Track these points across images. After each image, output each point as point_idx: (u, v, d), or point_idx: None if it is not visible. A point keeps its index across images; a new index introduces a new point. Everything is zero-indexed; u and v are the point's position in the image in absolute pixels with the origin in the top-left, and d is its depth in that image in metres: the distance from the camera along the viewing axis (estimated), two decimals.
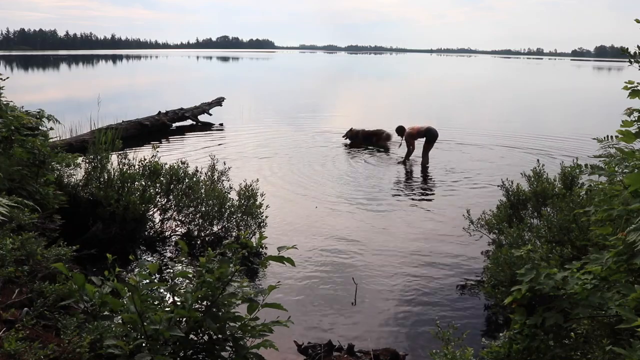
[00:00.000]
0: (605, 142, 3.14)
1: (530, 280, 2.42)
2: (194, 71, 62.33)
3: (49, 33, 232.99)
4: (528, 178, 5.92)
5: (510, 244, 4.82)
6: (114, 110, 16.06)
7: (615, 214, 2.42)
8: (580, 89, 40.41)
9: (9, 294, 2.97)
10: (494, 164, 11.08)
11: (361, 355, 3.96)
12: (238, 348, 2.37)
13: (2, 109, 4.68)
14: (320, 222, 7.30)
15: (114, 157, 6.30)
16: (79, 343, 2.33)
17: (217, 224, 6.33)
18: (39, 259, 3.28)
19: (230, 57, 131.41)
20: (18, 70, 51.96)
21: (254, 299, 2.46)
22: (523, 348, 2.48)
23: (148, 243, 6.18)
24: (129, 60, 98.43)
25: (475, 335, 4.23)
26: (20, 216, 3.62)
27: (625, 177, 2.31)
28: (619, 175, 2.84)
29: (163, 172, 6.25)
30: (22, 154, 4.66)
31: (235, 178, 6.90)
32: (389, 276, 5.58)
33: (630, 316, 2.04)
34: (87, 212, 5.83)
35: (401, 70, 73.35)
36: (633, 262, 2.18)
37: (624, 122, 2.48)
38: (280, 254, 2.38)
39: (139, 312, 2.22)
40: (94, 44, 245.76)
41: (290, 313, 2.74)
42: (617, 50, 2.82)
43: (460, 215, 6.19)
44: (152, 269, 2.39)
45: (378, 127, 13.62)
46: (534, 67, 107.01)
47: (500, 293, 4.35)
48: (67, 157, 5.72)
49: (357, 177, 9.97)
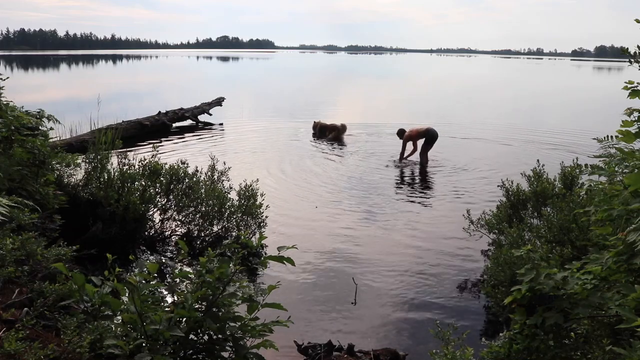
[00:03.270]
0: (605, 142, 3.14)
1: (530, 280, 2.42)
2: (194, 71, 62.33)
3: (49, 33, 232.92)
4: (528, 178, 5.92)
5: (510, 244, 4.82)
6: (114, 110, 16.05)
7: (615, 214, 2.42)
8: (580, 88, 40.40)
9: (9, 294, 2.97)
10: (494, 163, 11.08)
11: (361, 355, 3.96)
12: (238, 348, 2.37)
13: (2, 109, 4.68)
14: (321, 222, 7.30)
15: (114, 157, 6.30)
16: (79, 343, 2.33)
17: (217, 224, 6.33)
18: (39, 259, 3.27)
19: (230, 57, 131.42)
20: (18, 70, 51.95)
21: (254, 299, 2.45)
22: (523, 348, 2.48)
23: (148, 243, 6.18)
24: (129, 60, 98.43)
25: (475, 335, 4.24)
26: (20, 216, 3.62)
27: (625, 177, 2.31)
28: (619, 175, 2.84)
29: (163, 172, 6.25)
30: (22, 154, 4.66)
31: (235, 178, 6.90)
32: (389, 276, 5.58)
33: (630, 316, 2.03)
34: (87, 212, 5.83)
35: (401, 70, 73.35)
36: (633, 262, 2.17)
37: (624, 122, 2.48)
38: (280, 254, 2.38)
39: (139, 312, 2.22)
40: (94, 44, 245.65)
41: (290, 313, 2.74)
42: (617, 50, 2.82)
43: (460, 215, 6.19)
44: (152, 269, 2.39)
45: (378, 125, 13.71)
46: (534, 67, 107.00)
47: (500, 293, 4.35)
48: (67, 157, 5.72)
49: (357, 177, 9.97)
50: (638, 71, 2.52)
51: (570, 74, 72.77)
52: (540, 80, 53.62)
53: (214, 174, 6.64)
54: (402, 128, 11.73)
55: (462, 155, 11.91)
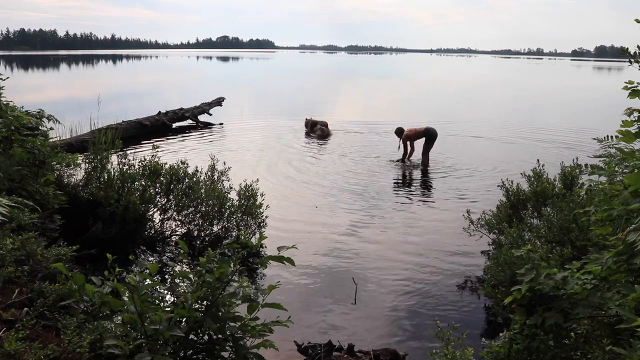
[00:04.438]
0: (605, 142, 3.14)
1: (530, 280, 2.42)
2: (194, 71, 62.33)
3: (49, 33, 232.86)
4: (528, 178, 5.92)
5: (510, 244, 4.82)
6: (114, 110, 16.05)
7: (615, 214, 2.42)
8: (580, 88, 40.39)
9: (9, 294, 2.97)
10: (494, 163, 11.08)
11: (361, 355, 3.96)
12: (238, 348, 2.37)
13: (2, 109, 4.68)
14: (321, 222, 7.30)
15: (114, 157, 6.30)
16: (79, 343, 2.33)
17: (217, 224, 6.33)
18: (39, 259, 3.27)
19: (230, 57, 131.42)
20: (18, 70, 51.95)
21: (254, 299, 2.45)
22: (523, 348, 2.48)
23: (148, 243, 6.18)
24: (129, 60, 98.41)
25: (475, 335, 4.24)
26: (20, 216, 3.62)
27: (625, 177, 2.31)
28: (619, 175, 2.84)
29: (163, 172, 6.25)
30: (22, 154, 4.66)
31: (235, 178, 6.90)
32: (389, 276, 5.58)
33: (630, 316, 2.03)
34: (87, 212, 5.83)
35: (401, 70, 73.34)
36: (633, 262, 2.17)
37: (624, 122, 2.48)
38: (280, 253, 2.38)
39: (139, 312, 2.22)
40: (94, 44, 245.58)
41: (290, 313, 2.74)
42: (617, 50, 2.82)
43: (460, 215, 6.19)
44: (152, 269, 2.39)
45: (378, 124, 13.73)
46: (534, 67, 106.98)
47: (500, 293, 4.35)
48: (67, 157, 5.72)
49: (357, 177, 9.97)
50: (638, 71, 2.52)
51: (570, 74, 72.77)
52: (541, 80, 53.62)
53: (214, 174, 6.64)
54: (400, 127, 11.58)
55: (462, 155, 11.91)
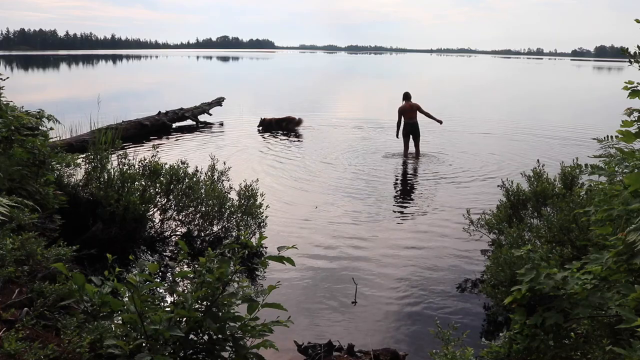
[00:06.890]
0: (605, 142, 3.14)
1: (530, 280, 2.42)
2: (194, 71, 62.32)
3: (49, 33, 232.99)
4: (528, 178, 5.92)
5: (510, 244, 4.82)
6: (114, 110, 16.03)
7: (615, 214, 2.42)
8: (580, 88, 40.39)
9: (9, 294, 2.97)
10: (495, 163, 11.07)
11: (361, 355, 3.96)
12: (238, 348, 2.37)
13: (2, 109, 4.68)
14: (320, 222, 7.30)
15: (114, 157, 6.30)
16: (79, 343, 2.33)
17: (217, 224, 6.33)
18: (39, 259, 3.27)
19: (230, 57, 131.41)
20: (18, 70, 51.95)
21: (254, 299, 2.45)
22: (523, 348, 2.48)
23: (148, 243, 6.18)
24: (129, 60, 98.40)
25: (475, 335, 4.24)
26: (20, 216, 3.62)
27: (625, 177, 2.31)
28: (619, 175, 2.84)
29: (163, 172, 6.25)
30: (22, 154, 4.66)
31: (235, 178, 6.90)
32: (389, 276, 5.58)
33: (630, 316, 2.04)
34: (87, 212, 5.83)
35: (402, 70, 73.32)
36: (633, 262, 2.17)
37: (624, 122, 2.48)
38: (280, 254, 2.38)
39: (139, 312, 2.22)
40: (94, 44, 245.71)
41: (290, 313, 2.74)
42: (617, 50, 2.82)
43: (460, 215, 6.18)
44: (152, 269, 2.39)
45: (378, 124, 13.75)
46: (534, 67, 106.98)
47: (500, 293, 4.35)
48: (67, 157, 5.72)
49: (357, 177, 9.96)
50: (638, 71, 2.52)
51: (570, 74, 72.75)
52: (541, 80, 53.60)
53: (214, 174, 6.63)
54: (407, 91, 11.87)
55: (462, 155, 11.89)
